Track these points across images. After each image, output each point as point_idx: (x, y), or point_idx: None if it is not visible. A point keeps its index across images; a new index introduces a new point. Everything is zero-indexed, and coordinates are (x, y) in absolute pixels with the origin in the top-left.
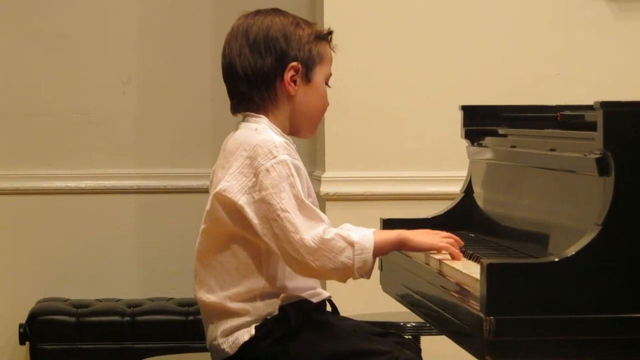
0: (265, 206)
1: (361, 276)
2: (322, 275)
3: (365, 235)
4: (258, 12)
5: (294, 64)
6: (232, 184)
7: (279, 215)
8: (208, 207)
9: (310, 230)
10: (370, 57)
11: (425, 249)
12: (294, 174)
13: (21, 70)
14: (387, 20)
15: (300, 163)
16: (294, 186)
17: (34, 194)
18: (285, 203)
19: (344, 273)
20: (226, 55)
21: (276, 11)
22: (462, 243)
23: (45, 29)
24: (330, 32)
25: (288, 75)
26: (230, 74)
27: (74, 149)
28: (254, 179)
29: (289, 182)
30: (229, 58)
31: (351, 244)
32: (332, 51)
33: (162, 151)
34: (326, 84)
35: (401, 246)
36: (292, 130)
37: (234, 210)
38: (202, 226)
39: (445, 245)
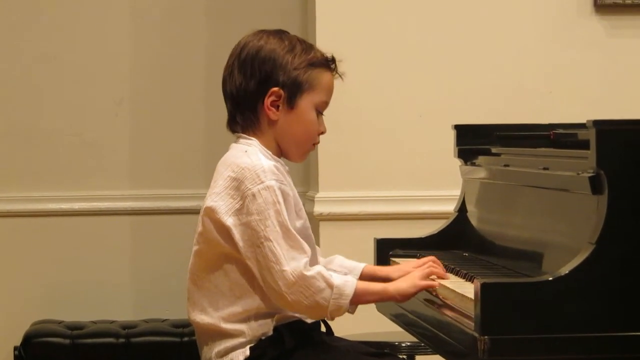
0: (250, 231)
1: (333, 318)
2: (295, 309)
3: (347, 281)
4: (260, 32)
5: (275, 89)
6: (219, 204)
7: (262, 243)
8: (200, 228)
9: (292, 262)
10: (363, 76)
11: (410, 297)
12: (280, 200)
13: (14, 92)
14: (379, 39)
15: (289, 188)
16: (280, 213)
17: (27, 216)
18: (270, 231)
19: (317, 312)
20: (223, 71)
21: (277, 33)
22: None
23: (38, 50)
24: (332, 60)
25: (268, 100)
26: (223, 90)
27: (67, 170)
28: (241, 202)
29: (274, 209)
30: (224, 75)
31: (330, 287)
32: (334, 78)
33: (155, 172)
34: (320, 112)
35: (384, 299)
36: (282, 154)
37: (224, 230)
38: (195, 247)
39: (425, 284)
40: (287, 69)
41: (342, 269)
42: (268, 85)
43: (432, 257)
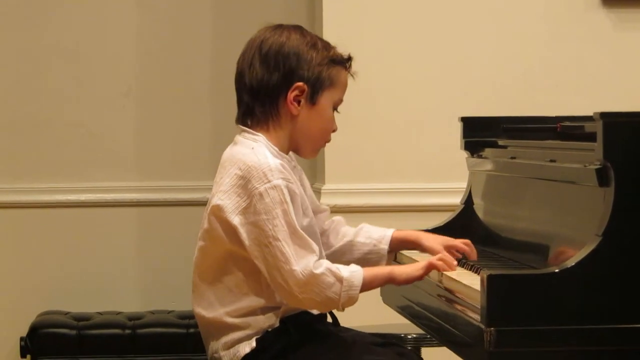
0: (257, 231)
1: (344, 309)
2: (307, 306)
3: (355, 272)
4: (279, 27)
5: (300, 84)
6: (226, 202)
7: (270, 243)
8: (205, 225)
9: (301, 261)
10: (370, 69)
11: (412, 282)
12: (288, 200)
13: (21, 84)
14: (386, 32)
15: (295, 186)
16: (287, 213)
17: (34, 207)
18: (278, 231)
19: (329, 306)
20: (239, 64)
21: (296, 29)
22: (467, 249)
23: (45, 42)
24: (349, 58)
25: (292, 94)
26: (239, 83)
27: (74, 162)
28: (247, 201)
29: (282, 209)
30: (240, 67)
31: (340, 280)
32: (349, 77)
33: (162, 164)
34: (335, 109)
35: (390, 282)
36: (293, 148)
37: (230, 229)
38: (200, 243)
39: (432, 265)
40: (311, 65)
41: (369, 240)
42: (292, 80)
43: (466, 241)
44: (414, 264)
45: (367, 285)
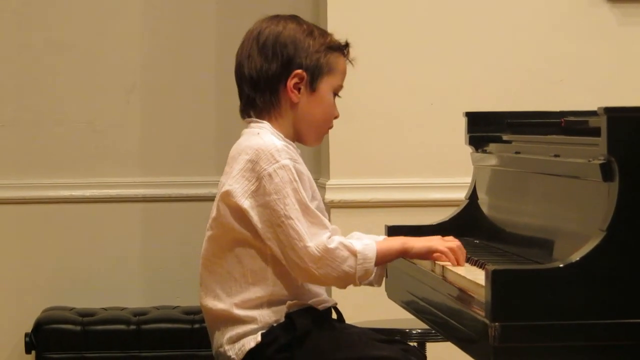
0: (269, 212)
1: (363, 284)
2: (324, 283)
3: (367, 244)
4: (275, 17)
5: (299, 71)
6: (235, 187)
7: (282, 222)
8: (214, 213)
9: (314, 238)
10: (374, 63)
11: (427, 255)
12: (297, 178)
13: (26, 80)
14: (391, 26)
15: (303, 167)
16: (298, 191)
17: (39, 202)
18: (289, 209)
19: (346, 281)
20: (238, 55)
21: (293, 18)
22: (464, 251)
23: (49, 37)
24: (346, 45)
25: (291, 82)
26: (239, 75)
27: (79, 157)
28: (257, 183)
29: (292, 188)
30: (239, 59)
31: (354, 253)
32: (347, 64)
33: (166, 159)
34: (336, 95)
35: (404, 254)
36: (297, 137)
37: (240, 214)
38: (208, 233)
39: (445, 250)
40: (309, 52)
41: None
42: (291, 68)
43: (458, 243)
44: (427, 244)
45: (381, 258)
